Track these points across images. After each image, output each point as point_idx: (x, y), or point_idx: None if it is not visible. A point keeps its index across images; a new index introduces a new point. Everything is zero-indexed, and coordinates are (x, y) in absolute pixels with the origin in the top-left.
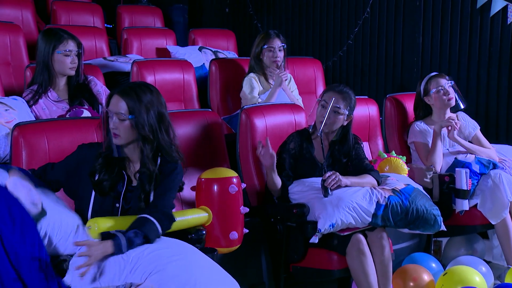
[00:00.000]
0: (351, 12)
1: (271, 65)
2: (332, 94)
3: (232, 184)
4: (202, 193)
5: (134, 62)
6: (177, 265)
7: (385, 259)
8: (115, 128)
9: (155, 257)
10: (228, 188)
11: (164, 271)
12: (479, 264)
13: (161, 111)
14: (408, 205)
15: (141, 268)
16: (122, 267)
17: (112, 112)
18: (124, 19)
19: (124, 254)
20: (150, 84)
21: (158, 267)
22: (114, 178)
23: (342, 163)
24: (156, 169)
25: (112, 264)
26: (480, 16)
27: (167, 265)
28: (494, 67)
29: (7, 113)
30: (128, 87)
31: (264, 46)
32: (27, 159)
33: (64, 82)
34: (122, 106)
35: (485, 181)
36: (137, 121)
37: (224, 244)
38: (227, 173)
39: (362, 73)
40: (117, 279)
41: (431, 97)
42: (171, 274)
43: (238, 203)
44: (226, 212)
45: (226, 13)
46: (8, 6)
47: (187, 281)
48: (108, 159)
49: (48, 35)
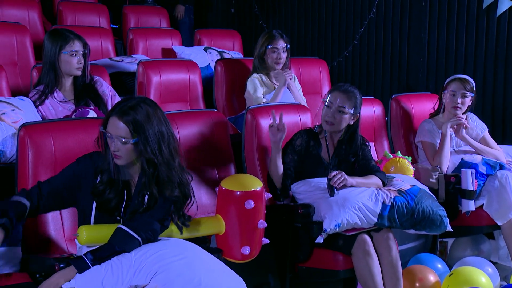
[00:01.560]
0: (357, 12)
1: (273, 66)
2: (337, 94)
3: (249, 200)
4: (220, 201)
5: (140, 63)
6: (181, 264)
7: (393, 259)
8: (117, 150)
9: (158, 257)
10: (244, 203)
11: (168, 270)
12: (485, 265)
13: (161, 129)
14: (414, 205)
15: (145, 269)
16: (126, 271)
17: (112, 135)
18: (130, 19)
19: (126, 258)
20: (148, 98)
21: (162, 267)
22: (119, 195)
23: (349, 163)
24: (155, 189)
25: (115, 268)
26: (486, 16)
27: (171, 265)
28: (500, 67)
29: (13, 113)
30: (127, 106)
31: (268, 46)
32: (33, 159)
33: (70, 82)
34: (123, 129)
35: (492, 182)
36: (139, 143)
37: (236, 256)
38: (248, 185)
39: (368, 73)
40: (120, 282)
41: (445, 95)
42: (176, 273)
43: (255, 218)
44: (241, 226)
45: (231, 13)
46: (14, 6)
47: (192, 279)
48: (110, 177)
49: (55, 36)
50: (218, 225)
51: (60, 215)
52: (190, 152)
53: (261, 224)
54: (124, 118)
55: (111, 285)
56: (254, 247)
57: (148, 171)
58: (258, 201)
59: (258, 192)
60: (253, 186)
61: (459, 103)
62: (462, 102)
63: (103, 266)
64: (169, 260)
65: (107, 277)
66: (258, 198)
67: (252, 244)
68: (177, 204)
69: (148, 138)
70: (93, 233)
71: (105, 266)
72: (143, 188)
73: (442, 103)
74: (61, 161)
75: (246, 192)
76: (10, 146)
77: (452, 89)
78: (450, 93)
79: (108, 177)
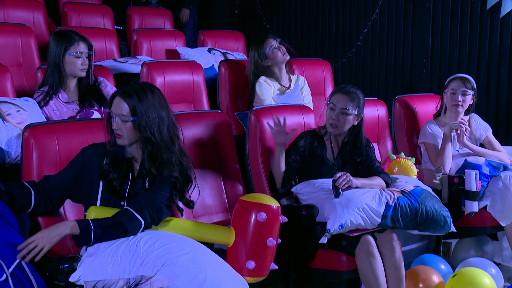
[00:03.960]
0: (360, 13)
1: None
2: (339, 96)
3: (261, 212)
4: (235, 213)
5: (144, 64)
6: (187, 258)
7: (396, 260)
8: (118, 129)
9: (165, 250)
10: (256, 215)
11: (175, 264)
12: (488, 266)
13: (161, 114)
14: (418, 206)
15: (152, 261)
16: (133, 261)
17: (114, 113)
18: (134, 20)
19: (134, 248)
20: (152, 85)
21: (169, 261)
22: (123, 176)
23: (355, 163)
24: (154, 169)
25: (123, 257)
26: (490, 18)
27: (177, 259)
28: (504, 68)
29: (18, 114)
30: (131, 88)
31: (266, 51)
32: (37, 160)
33: (74, 83)
34: (124, 108)
35: (495, 183)
36: (139, 122)
37: (240, 269)
38: (264, 199)
39: (371, 74)
40: (127, 272)
41: (446, 94)
42: (182, 268)
43: (265, 233)
44: (249, 238)
45: (235, 14)
46: (19, 8)
47: (197, 274)
48: (115, 158)
49: (59, 37)
50: (228, 235)
51: (64, 215)
52: (194, 153)
53: (270, 242)
54: (126, 98)
55: (118, 274)
56: (260, 264)
57: (147, 151)
58: (271, 217)
59: (273, 208)
60: (269, 202)
61: (459, 101)
62: (463, 100)
63: (111, 254)
64: (176, 254)
65: (114, 266)
66: (271, 214)
67: (259, 260)
68: (176, 185)
69: (148, 119)
70: (102, 212)
71: (113, 254)
72: (142, 169)
73: (444, 103)
74: (65, 161)
75: (260, 204)
76: (15, 147)
77: (453, 88)
78: (450, 92)
79: (111, 158)
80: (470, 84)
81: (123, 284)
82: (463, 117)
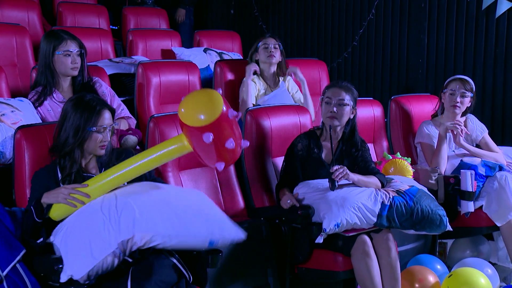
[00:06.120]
0: (356, 13)
1: (267, 61)
2: (334, 89)
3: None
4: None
5: (140, 64)
6: (152, 205)
7: (392, 260)
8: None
9: (129, 208)
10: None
11: (144, 216)
12: (484, 266)
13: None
14: (413, 205)
15: (123, 224)
16: (107, 231)
17: (106, 125)
18: (130, 20)
19: (101, 221)
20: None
21: (137, 217)
22: None
23: (352, 157)
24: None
25: (97, 234)
26: (485, 18)
27: (143, 210)
28: (500, 68)
29: (13, 114)
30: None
31: (259, 44)
32: (29, 162)
33: (68, 83)
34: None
35: (491, 183)
36: None
37: (222, 156)
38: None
39: (367, 74)
40: (108, 245)
41: (445, 95)
42: (154, 216)
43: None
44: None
45: (231, 14)
46: (14, 8)
47: (170, 216)
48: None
49: (49, 37)
50: (177, 139)
51: None
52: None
53: (230, 144)
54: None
55: (101, 252)
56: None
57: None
58: (220, 129)
59: (216, 122)
60: (211, 115)
61: (458, 102)
62: (461, 102)
63: (85, 239)
64: (142, 199)
65: (94, 247)
66: (216, 128)
67: (226, 158)
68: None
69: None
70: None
71: (84, 238)
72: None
73: (442, 104)
74: None
75: (200, 127)
76: (10, 147)
77: (452, 88)
78: (449, 92)
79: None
80: (470, 86)
81: (111, 258)
82: (458, 118)
